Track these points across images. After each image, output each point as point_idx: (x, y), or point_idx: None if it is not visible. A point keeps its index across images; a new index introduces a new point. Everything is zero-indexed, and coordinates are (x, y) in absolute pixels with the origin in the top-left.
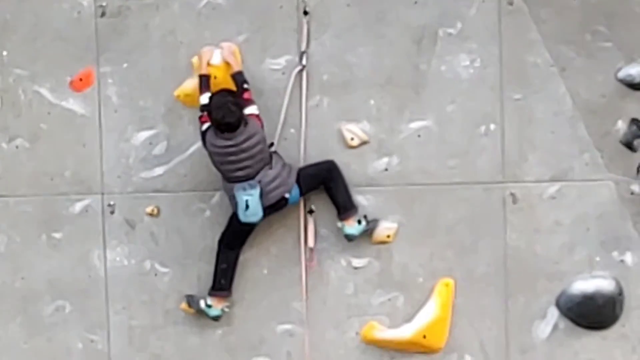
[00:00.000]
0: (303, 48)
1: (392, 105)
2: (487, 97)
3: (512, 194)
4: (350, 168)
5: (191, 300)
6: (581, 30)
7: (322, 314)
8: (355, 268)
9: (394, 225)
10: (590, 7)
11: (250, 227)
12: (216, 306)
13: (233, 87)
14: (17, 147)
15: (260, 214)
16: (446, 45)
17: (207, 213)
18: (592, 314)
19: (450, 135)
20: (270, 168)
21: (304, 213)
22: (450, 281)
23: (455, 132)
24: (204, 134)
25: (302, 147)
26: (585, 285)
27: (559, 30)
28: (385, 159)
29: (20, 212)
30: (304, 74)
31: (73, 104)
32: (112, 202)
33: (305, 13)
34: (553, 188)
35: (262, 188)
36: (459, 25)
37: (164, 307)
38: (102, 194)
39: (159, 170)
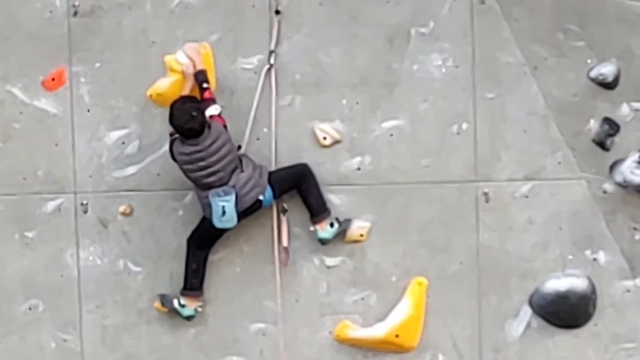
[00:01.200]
0: (272, 47)
1: (365, 104)
2: (460, 96)
3: (485, 193)
4: (323, 167)
5: (164, 300)
6: (553, 29)
7: (295, 313)
8: (329, 267)
9: (367, 224)
10: (562, 6)
11: (222, 231)
12: (189, 306)
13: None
14: None
15: (235, 220)
16: (419, 44)
17: (180, 212)
18: (565, 312)
19: (423, 134)
20: (242, 171)
21: (277, 212)
22: (423, 280)
23: (428, 131)
24: (170, 146)
25: (273, 147)
26: (558, 283)
27: (531, 29)
28: (358, 158)
29: None
30: (273, 73)
31: (45, 103)
32: (84, 202)
33: (277, 12)
34: (526, 187)
35: (237, 192)
36: (432, 24)
37: (137, 306)
38: (75, 193)
39: (131, 170)
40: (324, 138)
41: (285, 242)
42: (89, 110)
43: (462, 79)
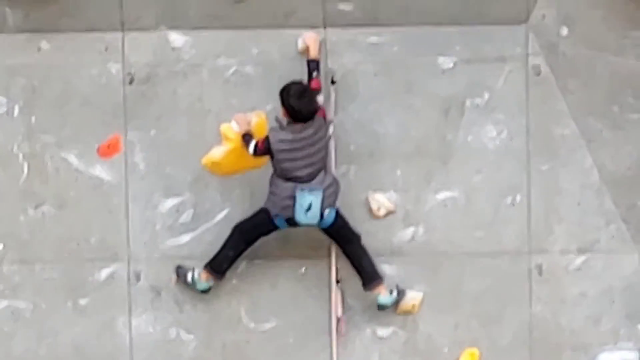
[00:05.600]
0: (330, 117)
1: (419, 175)
2: (514, 168)
3: (538, 265)
4: (377, 237)
5: (180, 271)
6: (609, 101)
7: None
8: (381, 337)
9: (420, 295)
10: (618, 78)
11: (274, 229)
12: (202, 280)
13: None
14: (43, 213)
15: (319, 216)
16: (473, 115)
17: (234, 281)
18: None
19: (477, 205)
20: (325, 174)
21: (329, 281)
22: (476, 351)
23: (482, 203)
24: (267, 147)
25: None
26: (610, 357)
27: (587, 101)
28: (412, 229)
29: (46, 278)
30: (332, 143)
31: (100, 170)
32: (138, 269)
33: (333, 82)
34: (579, 260)
35: (323, 190)
36: (487, 95)
37: None
38: (128, 261)
39: (185, 238)
40: (378, 208)
41: (339, 312)
42: (143, 178)
43: (517, 150)
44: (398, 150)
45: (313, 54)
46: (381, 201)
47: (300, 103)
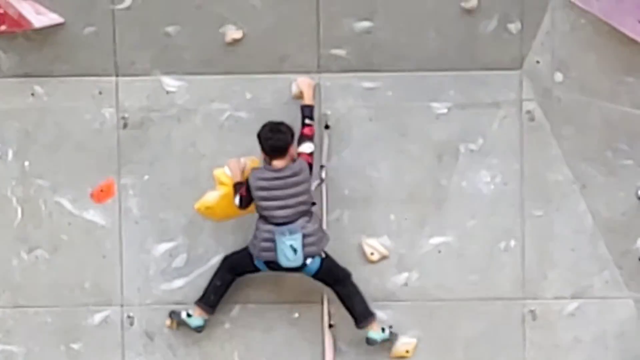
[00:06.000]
0: (323, 162)
1: (413, 220)
2: (508, 213)
3: (532, 311)
4: (370, 283)
5: (173, 315)
6: (602, 147)
7: None
8: None
9: (413, 341)
10: (612, 124)
11: (257, 269)
12: (196, 316)
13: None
14: (37, 257)
15: (302, 259)
16: (467, 160)
17: (227, 325)
18: None
19: (471, 251)
20: (309, 221)
21: (325, 325)
22: None
23: (476, 248)
24: (249, 191)
25: None
26: None
27: (580, 147)
28: (405, 274)
29: (40, 322)
30: (324, 187)
31: (94, 215)
32: (131, 314)
33: (327, 127)
34: (572, 305)
35: (303, 236)
36: (481, 141)
37: None
38: (122, 305)
39: (178, 283)
40: (372, 253)
41: (331, 357)
42: (137, 223)
43: (511, 195)
44: (392, 195)
45: (307, 99)
46: (375, 246)
47: (266, 133)
